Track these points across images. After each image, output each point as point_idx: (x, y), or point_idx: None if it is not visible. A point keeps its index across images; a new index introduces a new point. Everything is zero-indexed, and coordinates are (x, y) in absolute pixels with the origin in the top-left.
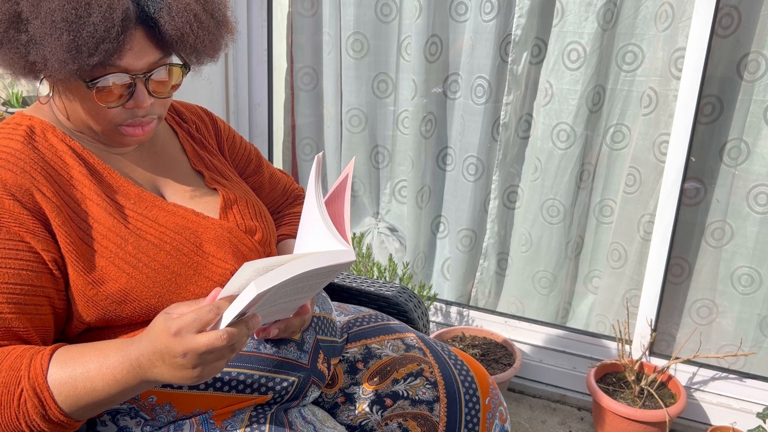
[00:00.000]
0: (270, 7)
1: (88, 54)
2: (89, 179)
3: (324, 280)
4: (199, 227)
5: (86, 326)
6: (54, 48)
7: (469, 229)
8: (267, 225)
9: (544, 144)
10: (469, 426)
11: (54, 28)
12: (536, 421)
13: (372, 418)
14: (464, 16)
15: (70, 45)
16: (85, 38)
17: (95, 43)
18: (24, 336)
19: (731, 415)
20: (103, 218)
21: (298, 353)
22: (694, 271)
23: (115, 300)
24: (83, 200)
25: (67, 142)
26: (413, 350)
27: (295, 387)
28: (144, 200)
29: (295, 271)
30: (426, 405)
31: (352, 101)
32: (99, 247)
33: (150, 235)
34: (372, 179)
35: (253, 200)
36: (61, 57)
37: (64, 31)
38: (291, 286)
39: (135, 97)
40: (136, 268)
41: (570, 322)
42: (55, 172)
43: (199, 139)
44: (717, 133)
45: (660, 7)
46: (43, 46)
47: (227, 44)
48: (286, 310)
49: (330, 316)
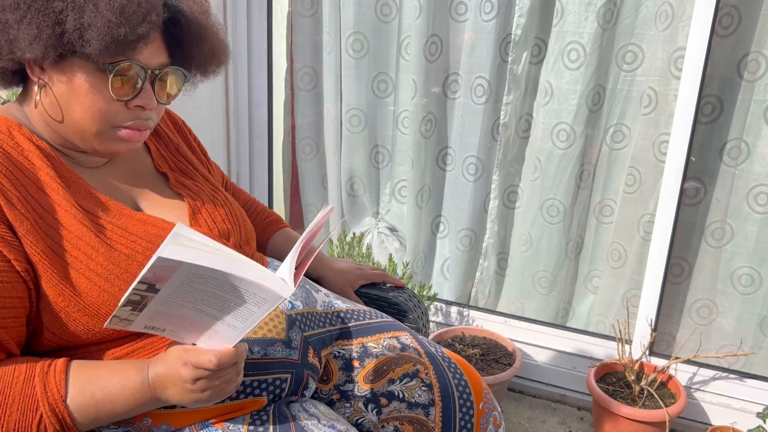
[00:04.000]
0: (270, 7)
1: (138, 22)
2: (57, 183)
3: (242, 304)
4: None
5: (58, 339)
6: (102, 10)
7: (469, 228)
8: (241, 226)
9: (544, 144)
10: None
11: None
12: (536, 421)
13: (368, 417)
14: (464, 16)
15: (122, 9)
16: (135, 6)
17: (143, 13)
18: (6, 347)
19: (731, 415)
20: (73, 226)
21: (287, 351)
22: (694, 271)
23: (88, 313)
24: (51, 205)
25: (34, 141)
26: (408, 350)
27: (290, 383)
28: (112, 208)
29: (215, 264)
30: (422, 409)
31: (351, 101)
32: (70, 258)
33: (121, 245)
34: (372, 179)
35: (221, 199)
36: (109, 19)
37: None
38: (203, 285)
39: (141, 96)
40: (107, 280)
41: (570, 322)
42: (22, 175)
43: (166, 135)
44: (717, 133)
45: (660, 6)
46: (85, 10)
47: (227, 61)
48: (194, 323)
49: (314, 309)
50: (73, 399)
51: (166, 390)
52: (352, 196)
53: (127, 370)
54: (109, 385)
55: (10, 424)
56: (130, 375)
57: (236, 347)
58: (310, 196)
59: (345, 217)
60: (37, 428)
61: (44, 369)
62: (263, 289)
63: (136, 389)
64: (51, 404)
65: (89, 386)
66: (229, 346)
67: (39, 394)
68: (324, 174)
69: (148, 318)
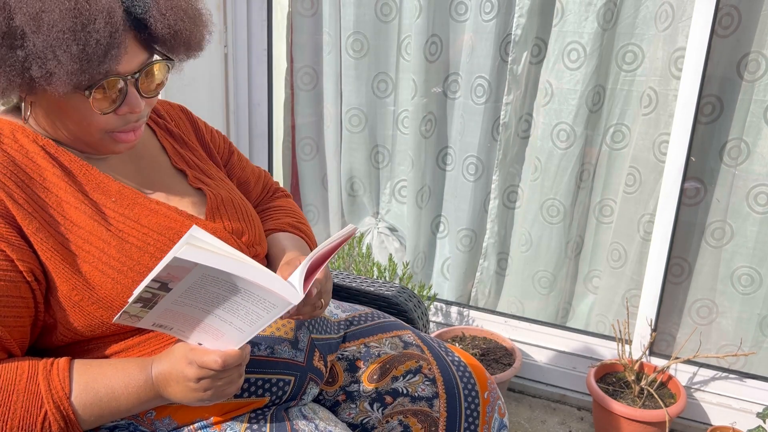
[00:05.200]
0: (270, 7)
1: (98, 62)
2: (64, 180)
3: (251, 307)
4: (184, 227)
5: (73, 335)
6: (62, 60)
7: (469, 228)
8: (253, 226)
9: (544, 144)
10: (470, 420)
11: (60, 40)
12: (536, 421)
13: (373, 415)
14: (464, 16)
15: (81, 55)
16: (93, 46)
17: (104, 51)
18: (7, 346)
19: (731, 415)
20: (83, 222)
21: (293, 352)
22: (694, 271)
23: (102, 306)
24: (59, 204)
25: (38, 142)
26: (411, 347)
27: (293, 386)
28: (125, 197)
29: (228, 267)
30: (426, 401)
31: (352, 101)
32: (81, 252)
33: (133, 237)
34: (372, 179)
35: (238, 199)
36: (71, 68)
37: (72, 42)
38: (214, 287)
39: (127, 102)
40: (120, 272)
41: (570, 322)
42: (27, 176)
43: (179, 136)
44: (717, 133)
45: (660, 6)
46: (47, 60)
47: (210, 35)
48: (202, 324)
49: (324, 314)
50: (77, 396)
51: (168, 388)
52: (352, 196)
53: (130, 368)
54: (113, 382)
55: (14, 421)
56: (133, 372)
57: (241, 349)
58: (310, 196)
59: (345, 216)
60: (41, 426)
61: (47, 367)
62: (273, 294)
63: (139, 387)
64: (55, 401)
65: (93, 384)
66: (235, 348)
67: (43, 391)
68: (324, 174)
69: (157, 316)
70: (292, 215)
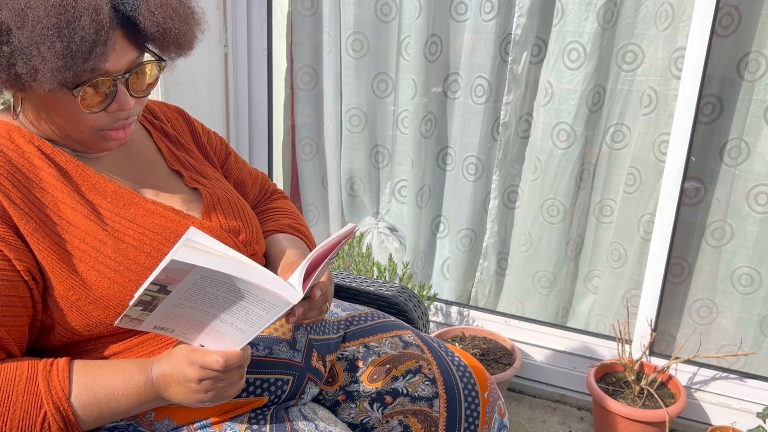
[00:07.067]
0: (270, 7)
1: (82, 59)
2: (60, 181)
3: (250, 308)
4: (180, 226)
5: (71, 335)
6: (46, 57)
7: (469, 228)
8: (251, 224)
9: (544, 144)
10: (470, 420)
11: (45, 37)
12: (536, 421)
13: (373, 415)
14: (464, 16)
15: (65, 52)
16: (78, 43)
17: (89, 48)
18: (6, 346)
19: (731, 415)
20: (79, 221)
21: (291, 352)
22: (694, 271)
23: (99, 305)
24: (56, 204)
25: (34, 142)
26: (411, 347)
27: (291, 386)
28: (121, 197)
29: (227, 268)
30: (425, 401)
31: (351, 101)
32: (77, 252)
33: (129, 237)
34: (372, 179)
35: (235, 199)
36: (55, 65)
37: (56, 38)
38: (214, 288)
39: (117, 100)
40: (117, 272)
41: (570, 322)
42: (23, 176)
43: (175, 137)
44: (717, 133)
45: (660, 6)
46: (31, 56)
47: (202, 33)
48: (203, 325)
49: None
50: (77, 397)
51: (169, 388)
52: (352, 196)
53: (130, 369)
54: (113, 383)
55: (13, 421)
56: (133, 373)
57: (243, 350)
58: (310, 196)
59: (345, 216)
60: (41, 426)
61: (47, 367)
62: (272, 294)
63: (139, 387)
64: (55, 402)
65: (93, 384)
66: (236, 349)
67: (43, 392)
68: (324, 174)
69: (158, 318)
70: (290, 216)
